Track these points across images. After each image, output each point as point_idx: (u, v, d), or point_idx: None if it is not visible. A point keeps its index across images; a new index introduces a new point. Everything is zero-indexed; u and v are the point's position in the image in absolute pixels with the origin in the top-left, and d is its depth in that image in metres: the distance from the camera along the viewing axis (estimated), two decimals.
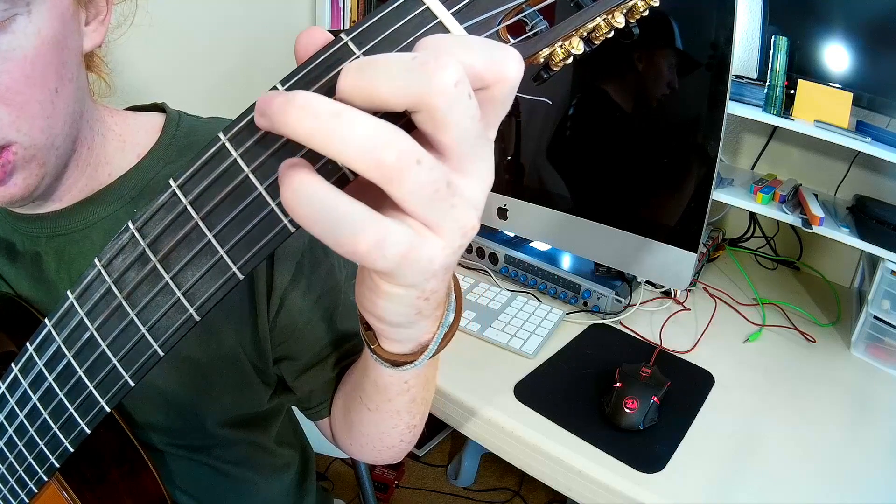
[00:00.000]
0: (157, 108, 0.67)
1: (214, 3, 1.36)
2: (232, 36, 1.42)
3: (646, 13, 0.27)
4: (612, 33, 0.27)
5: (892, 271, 0.98)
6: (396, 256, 0.26)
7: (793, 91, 1.06)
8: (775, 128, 1.26)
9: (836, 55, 1.08)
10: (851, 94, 1.01)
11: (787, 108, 1.08)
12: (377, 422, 0.58)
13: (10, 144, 0.47)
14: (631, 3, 0.26)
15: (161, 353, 0.31)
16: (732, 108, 1.09)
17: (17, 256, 0.61)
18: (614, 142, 1.08)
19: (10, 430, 0.43)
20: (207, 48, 1.37)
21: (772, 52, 1.08)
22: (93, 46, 0.55)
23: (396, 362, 0.42)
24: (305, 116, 0.25)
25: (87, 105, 0.57)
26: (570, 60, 0.27)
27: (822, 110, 1.04)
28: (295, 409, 0.85)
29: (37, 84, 0.47)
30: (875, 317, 1.01)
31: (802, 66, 1.09)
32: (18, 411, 0.41)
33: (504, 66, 0.26)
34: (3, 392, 0.41)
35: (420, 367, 0.42)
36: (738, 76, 1.19)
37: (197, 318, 0.29)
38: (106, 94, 0.64)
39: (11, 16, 0.44)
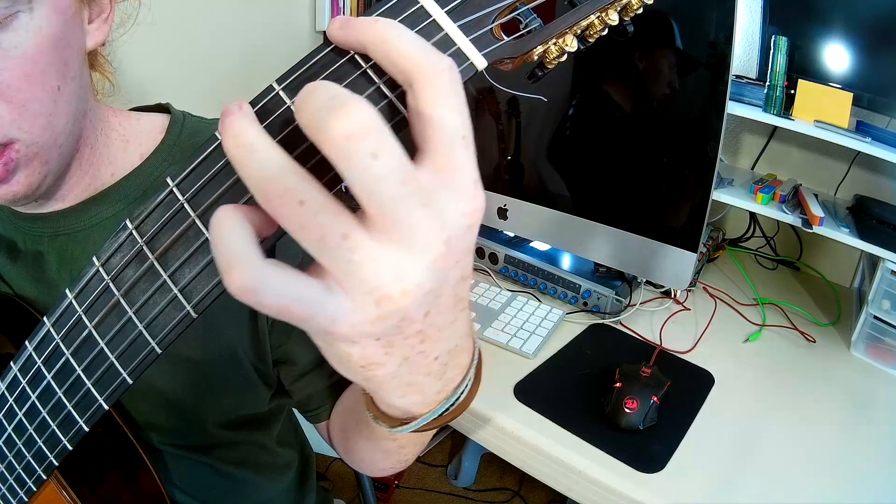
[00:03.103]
0: (162, 108, 0.67)
1: (215, 2, 1.36)
2: (232, 35, 1.42)
3: (640, 10, 0.27)
4: (606, 31, 0.27)
5: (892, 271, 0.98)
6: (275, 307, 0.25)
7: (793, 91, 1.06)
8: (775, 128, 1.26)
9: (836, 55, 1.08)
10: (851, 94, 1.01)
11: (787, 108, 1.08)
12: (369, 449, 0.59)
13: (13, 142, 0.48)
14: (625, 1, 0.26)
15: (159, 351, 0.31)
16: (732, 108, 1.09)
17: (19, 256, 0.61)
18: (614, 142, 1.08)
19: (9, 429, 0.43)
20: (208, 48, 1.37)
21: (772, 52, 1.08)
22: (96, 45, 0.55)
23: (378, 418, 0.39)
24: (233, 143, 0.26)
25: (91, 104, 0.57)
26: (564, 58, 0.27)
27: (822, 110, 1.04)
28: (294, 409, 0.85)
29: (38, 82, 0.47)
30: (875, 317, 1.01)
31: (802, 66, 1.09)
32: (17, 409, 0.41)
33: (426, 62, 0.25)
34: (3, 391, 0.41)
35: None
36: (738, 76, 1.19)
37: (194, 315, 0.29)
38: (110, 93, 0.64)
39: (13, 13, 0.44)
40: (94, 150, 0.59)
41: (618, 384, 0.86)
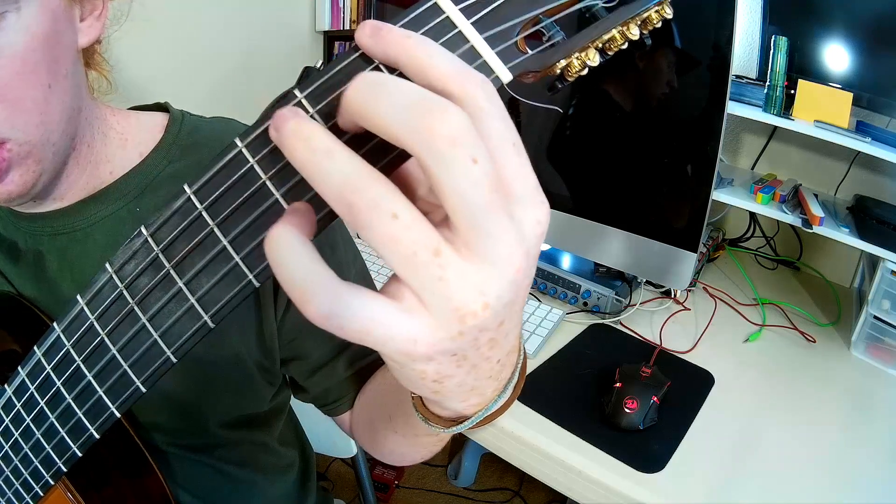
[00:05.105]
0: (160, 107, 0.67)
1: (215, 2, 1.35)
2: (232, 35, 1.42)
3: (659, 24, 0.27)
4: (626, 45, 0.27)
5: (892, 271, 0.99)
6: (356, 332, 0.24)
7: (793, 91, 1.07)
8: (775, 128, 1.27)
9: (836, 55, 1.08)
10: (851, 94, 1.01)
11: (787, 108, 1.08)
12: (401, 443, 0.58)
13: (5, 141, 0.48)
14: (646, 15, 0.26)
15: (174, 360, 0.31)
16: (732, 108, 1.09)
17: (20, 255, 0.61)
18: (614, 142, 1.08)
19: (16, 434, 0.42)
20: (208, 47, 1.37)
21: (772, 52, 1.08)
22: (89, 42, 0.55)
23: (429, 420, 0.39)
24: (305, 148, 0.24)
25: (86, 102, 0.57)
26: (585, 71, 0.27)
27: (822, 110, 1.04)
28: (294, 408, 0.85)
29: (29, 80, 0.47)
30: (875, 317, 1.01)
31: (802, 66, 1.09)
32: (24, 415, 0.41)
33: (467, 81, 0.24)
34: (10, 396, 0.41)
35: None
36: (738, 76, 1.19)
37: (211, 325, 0.29)
38: (107, 91, 0.64)
39: (1, 13, 0.44)
40: (92, 149, 0.59)
41: (618, 384, 0.86)
